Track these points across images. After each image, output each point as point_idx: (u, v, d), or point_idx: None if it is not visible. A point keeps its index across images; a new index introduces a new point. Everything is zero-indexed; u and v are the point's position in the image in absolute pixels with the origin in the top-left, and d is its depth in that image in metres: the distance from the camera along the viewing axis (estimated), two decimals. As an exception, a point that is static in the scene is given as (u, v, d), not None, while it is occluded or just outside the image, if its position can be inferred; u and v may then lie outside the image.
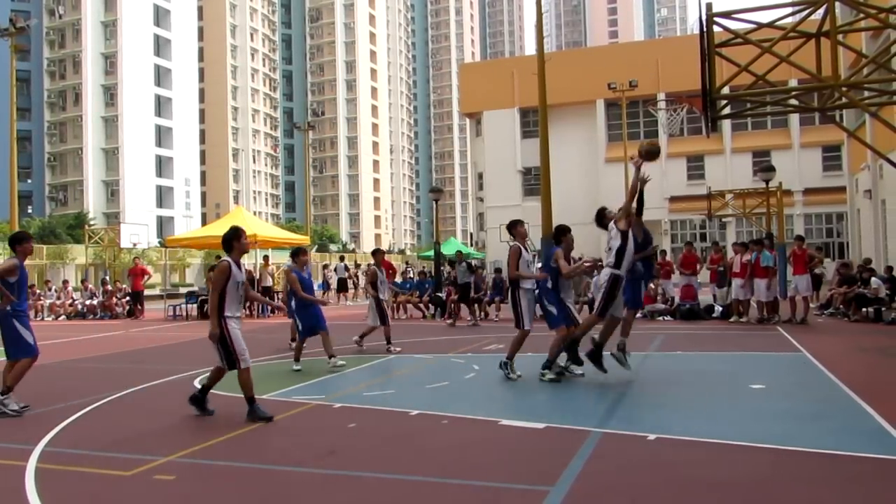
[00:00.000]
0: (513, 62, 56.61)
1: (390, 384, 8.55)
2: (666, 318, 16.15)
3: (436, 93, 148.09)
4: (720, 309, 16.13)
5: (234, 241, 6.45)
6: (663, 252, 19.28)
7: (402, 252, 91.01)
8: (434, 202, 22.43)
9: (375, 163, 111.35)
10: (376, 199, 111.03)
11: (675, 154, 42.49)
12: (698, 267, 17.07)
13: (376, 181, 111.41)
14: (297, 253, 10.18)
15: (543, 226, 18.99)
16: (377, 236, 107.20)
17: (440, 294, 19.17)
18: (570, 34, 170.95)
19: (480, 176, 49.81)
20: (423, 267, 35.62)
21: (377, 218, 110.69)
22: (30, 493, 4.40)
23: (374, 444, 5.49)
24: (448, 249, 40.42)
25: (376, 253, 11.95)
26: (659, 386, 7.94)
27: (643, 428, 5.64)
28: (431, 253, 26.55)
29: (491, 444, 5.45)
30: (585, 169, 43.72)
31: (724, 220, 35.80)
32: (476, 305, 16.95)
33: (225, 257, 6.51)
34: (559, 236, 8.50)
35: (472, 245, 55.40)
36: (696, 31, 11.04)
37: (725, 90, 10.37)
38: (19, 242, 7.09)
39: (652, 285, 16.79)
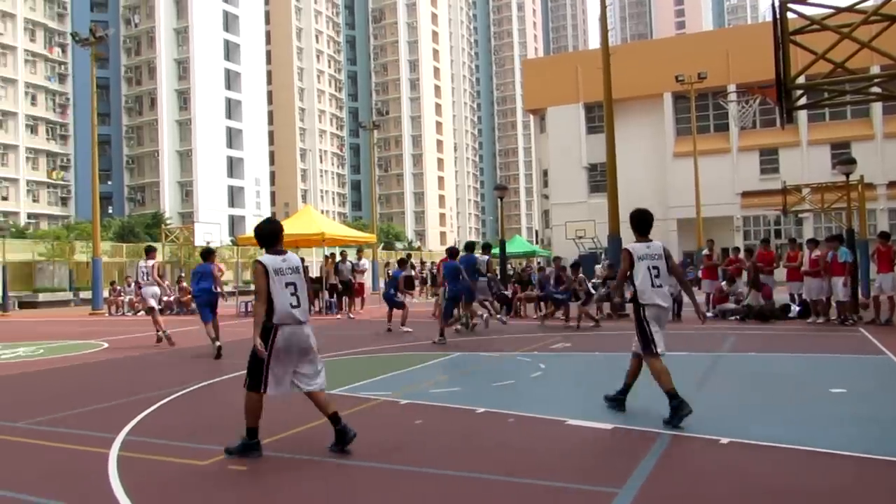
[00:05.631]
0: (577, 57, 55.89)
1: (456, 382, 8.57)
2: (735, 318, 15.64)
3: (499, 90, 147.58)
4: (797, 309, 15.55)
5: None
6: (736, 249, 18.69)
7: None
8: (499, 199, 22.32)
9: (440, 161, 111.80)
10: (441, 197, 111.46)
11: (748, 147, 41.19)
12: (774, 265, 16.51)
13: (441, 179, 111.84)
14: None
15: (610, 223, 18.71)
16: (442, 234, 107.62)
17: (505, 292, 19.09)
18: (635, 26, 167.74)
19: (545, 173, 49.36)
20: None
21: (442, 216, 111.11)
22: (112, 479, 4.61)
23: (440, 441, 5.52)
24: (513, 247, 40.27)
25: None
26: (732, 388, 7.72)
27: (715, 431, 5.48)
28: (496, 250, 26.44)
29: (558, 443, 5.40)
30: (652, 164, 42.83)
31: (800, 215, 34.47)
32: (542, 304, 16.85)
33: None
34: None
35: (537, 242, 54.97)
36: (769, 19, 10.67)
37: (801, 79, 9.98)
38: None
39: (723, 284, 16.33)
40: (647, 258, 6.05)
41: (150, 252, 13.77)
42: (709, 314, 16.22)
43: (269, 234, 5.29)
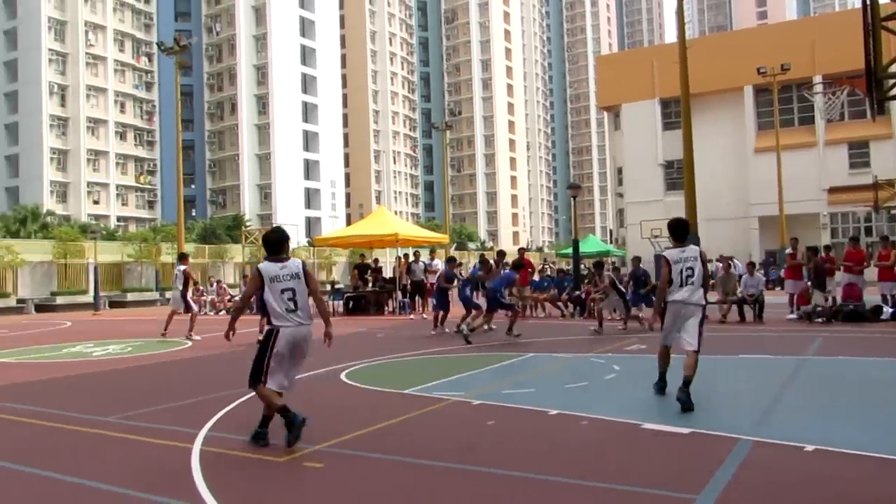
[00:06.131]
0: (652, 51, 54.71)
1: (529, 383, 8.52)
2: (821, 319, 14.97)
3: (572, 87, 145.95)
4: (890, 311, 14.76)
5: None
6: (827, 248, 17.87)
7: (539, 250, 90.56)
8: (572, 199, 22.07)
9: (512, 160, 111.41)
10: (514, 197, 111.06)
11: (835, 141, 39.49)
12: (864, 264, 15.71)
13: (513, 179, 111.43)
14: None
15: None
16: (515, 234, 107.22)
17: (579, 293, 18.88)
18: (713, 18, 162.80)
19: (620, 171, 48.59)
20: (557, 264, 35.22)
21: (514, 215, 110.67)
22: (195, 473, 4.79)
23: (512, 443, 5.50)
24: (587, 247, 39.77)
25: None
26: (818, 392, 7.41)
27: (800, 438, 5.27)
28: (570, 250, 26.20)
29: (632, 447, 5.31)
30: (732, 160, 41.54)
31: (893, 211, 32.78)
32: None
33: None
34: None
35: (611, 242, 54.13)
36: (858, 5, 10.18)
37: (893, 68, 9.48)
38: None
39: (809, 284, 15.67)
40: (681, 261, 6.74)
41: (182, 258, 15.27)
42: (792, 315, 15.64)
43: (274, 242, 5.64)
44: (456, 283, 15.41)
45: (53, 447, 5.83)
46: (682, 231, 6.99)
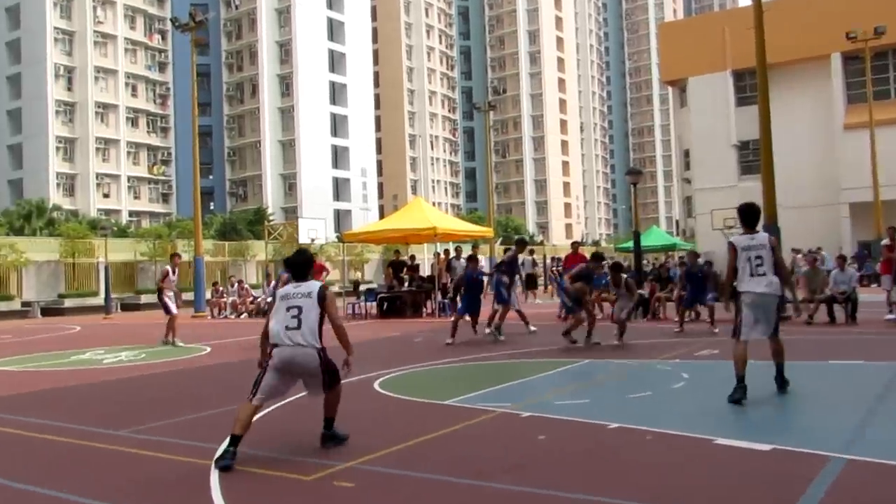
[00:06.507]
0: (723, 17, 53.79)
1: (585, 392, 8.45)
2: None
3: (632, 60, 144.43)
4: None
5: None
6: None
7: (596, 243, 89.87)
8: (632, 186, 21.87)
9: (564, 143, 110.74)
10: (566, 185, 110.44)
11: (939, 115, 38.29)
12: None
13: (565, 164, 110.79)
14: None
15: (765, 210, 17.89)
16: (567, 226, 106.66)
17: (642, 291, 18.66)
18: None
19: (686, 153, 47.91)
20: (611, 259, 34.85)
21: (567, 206, 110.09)
22: (214, 493, 4.84)
23: (566, 460, 5.45)
24: (650, 240, 39.36)
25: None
26: (921, 403, 7.19)
27: (901, 455, 5.13)
28: (630, 244, 25.93)
29: (705, 466, 5.21)
30: (817, 139, 40.59)
31: None
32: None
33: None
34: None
35: (677, 234, 53.47)
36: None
37: None
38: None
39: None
40: (750, 249, 7.15)
41: (173, 257, 16.13)
42: (891, 316, 15.24)
43: (294, 265, 6.04)
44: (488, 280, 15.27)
45: (58, 463, 5.96)
46: (752, 216, 7.41)
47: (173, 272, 15.79)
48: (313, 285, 5.88)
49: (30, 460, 6.05)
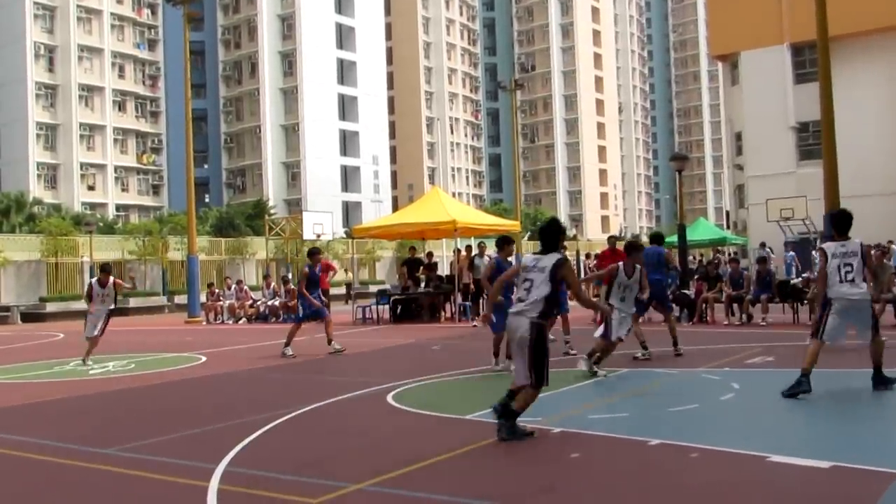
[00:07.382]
0: (781, -17, 53.37)
1: (623, 405, 8.46)
2: None
3: (676, 32, 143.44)
4: None
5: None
6: None
7: (636, 238, 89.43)
8: (677, 173, 21.78)
9: (600, 126, 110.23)
10: (602, 173, 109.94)
11: None
12: None
13: (602, 150, 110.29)
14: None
15: (826, 199, 17.79)
16: (604, 219, 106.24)
17: (687, 291, 18.61)
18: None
19: (739, 136, 47.58)
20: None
21: (604, 196, 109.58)
22: (212, 518, 4.89)
23: (603, 481, 5.47)
24: (697, 234, 39.12)
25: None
26: None
27: (980, 475, 5.10)
28: (675, 238, 25.81)
29: (758, 486, 5.21)
30: (887, 120, 40.23)
31: None
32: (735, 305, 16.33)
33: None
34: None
35: (728, 227, 53.13)
36: None
37: None
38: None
39: None
40: (840, 256, 7.92)
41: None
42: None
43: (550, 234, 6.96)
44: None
45: (41, 485, 6.04)
46: (844, 224, 8.17)
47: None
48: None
49: (6, 481, 6.13)
